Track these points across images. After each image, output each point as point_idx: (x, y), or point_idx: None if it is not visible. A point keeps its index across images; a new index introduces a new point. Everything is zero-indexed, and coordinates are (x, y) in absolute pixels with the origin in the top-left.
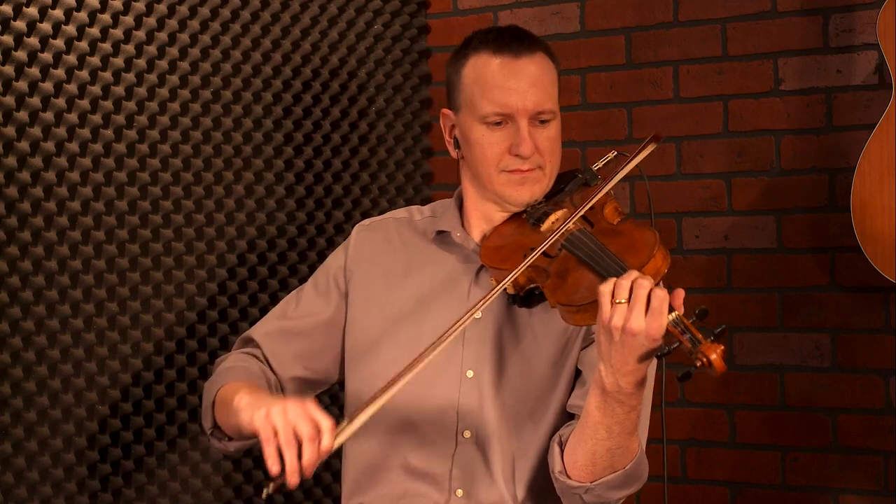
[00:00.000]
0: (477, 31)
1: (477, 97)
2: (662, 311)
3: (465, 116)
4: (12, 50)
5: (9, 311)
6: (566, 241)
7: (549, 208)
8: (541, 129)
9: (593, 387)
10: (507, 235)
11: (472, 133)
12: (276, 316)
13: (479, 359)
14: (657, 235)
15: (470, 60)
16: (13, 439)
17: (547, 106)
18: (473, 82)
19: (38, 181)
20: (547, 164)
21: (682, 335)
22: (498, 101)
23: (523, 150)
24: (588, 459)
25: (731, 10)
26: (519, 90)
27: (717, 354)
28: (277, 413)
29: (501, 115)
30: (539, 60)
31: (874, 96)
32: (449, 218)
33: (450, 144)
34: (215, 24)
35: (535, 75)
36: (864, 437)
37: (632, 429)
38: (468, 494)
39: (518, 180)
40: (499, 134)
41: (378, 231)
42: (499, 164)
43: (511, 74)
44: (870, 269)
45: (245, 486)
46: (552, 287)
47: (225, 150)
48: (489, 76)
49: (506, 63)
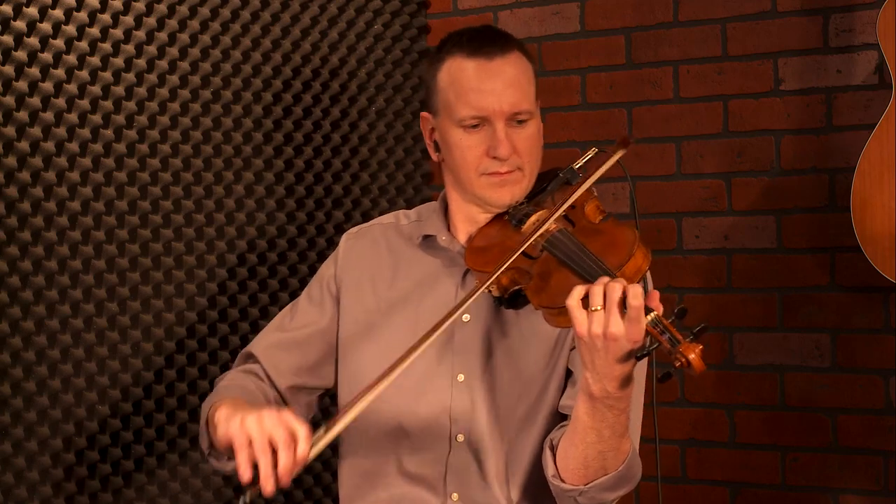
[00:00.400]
0: (451, 33)
1: (453, 101)
2: (640, 314)
3: (443, 120)
4: (12, 50)
5: (9, 311)
6: (546, 243)
7: (530, 209)
8: (518, 130)
9: (581, 393)
10: (491, 237)
11: (451, 137)
12: (274, 329)
13: (470, 362)
14: (637, 234)
15: (445, 64)
16: (13, 439)
17: (524, 106)
18: (449, 86)
19: (38, 181)
20: (526, 164)
21: (661, 335)
22: (474, 105)
23: (501, 152)
24: (580, 463)
25: (731, 10)
26: (495, 92)
27: (696, 354)
28: (252, 421)
29: (478, 118)
30: (514, 60)
31: (874, 96)
32: (434, 221)
33: (430, 147)
34: (215, 24)
35: (510, 76)
36: (864, 437)
37: (622, 431)
38: (463, 498)
39: (498, 182)
40: (476, 137)
41: (365, 238)
42: (478, 167)
43: (486, 77)
44: (870, 269)
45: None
46: (534, 289)
47: (225, 150)
48: (464, 80)
49: (480, 66)
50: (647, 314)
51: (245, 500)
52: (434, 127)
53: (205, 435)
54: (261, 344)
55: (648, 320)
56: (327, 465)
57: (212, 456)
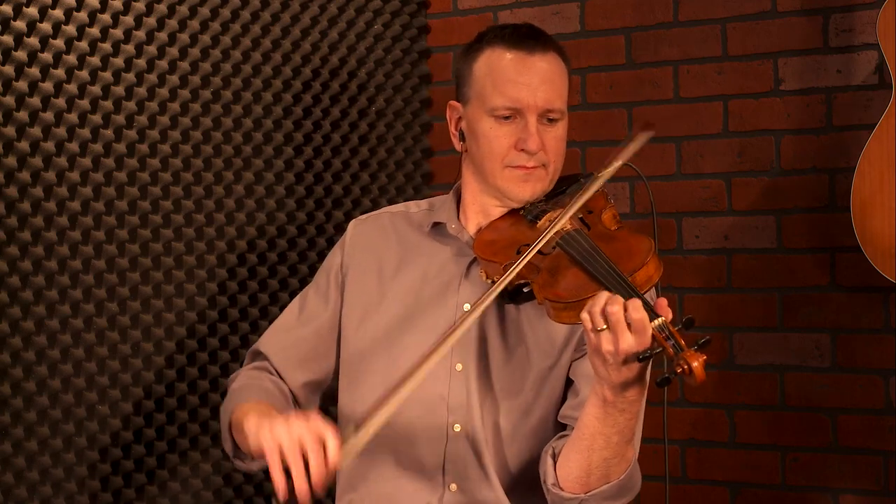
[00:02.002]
0: (492, 26)
1: (488, 90)
2: (644, 326)
3: (474, 109)
4: (12, 50)
5: (9, 311)
6: (561, 240)
7: (547, 207)
8: (548, 128)
9: (593, 399)
10: (502, 230)
11: (480, 125)
12: (282, 324)
13: (468, 352)
14: (652, 244)
15: (484, 53)
16: (13, 439)
17: (557, 105)
18: (486, 75)
19: (38, 181)
20: (551, 163)
21: (665, 341)
22: (509, 95)
23: (530, 146)
24: (583, 470)
25: (731, 10)
26: (530, 86)
27: (699, 363)
28: (281, 428)
29: (511, 108)
30: (552, 59)
31: (874, 96)
32: (446, 210)
33: (455, 137)
34: (215, 24)
35: (546, 73)
36: (864, 437)
37: (630, 436)
38: (462, 489)
39: (522, 176)
40: (507, 128)
41: (373, 224)
42: (504, 159)
43: (524, 69)
44: (870, 269)
45: (245, 486)
46: (541, 283)
47: (225, 150)
48: (502, 70)
49: (519, 58)
50: (654, 320)
51: None
52: (462, 116)
53: (228, 439)
54: (269, 341)
55: (655, 325)
56: None
57: (237, 458)
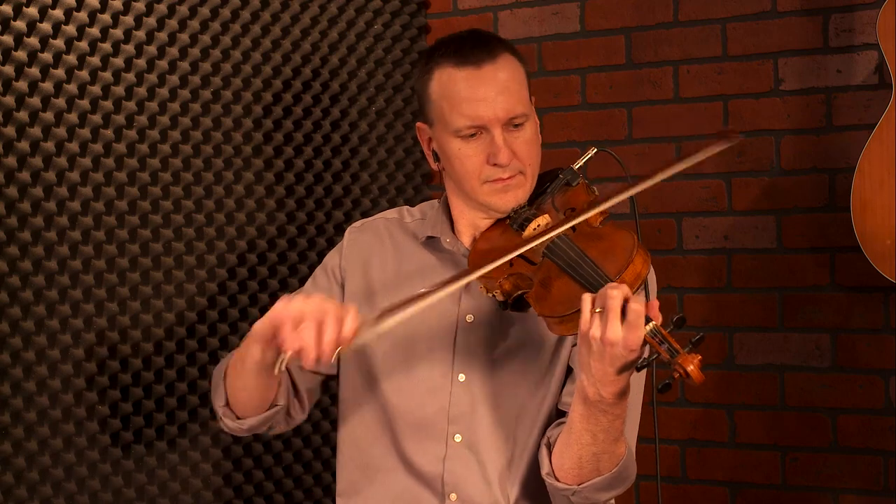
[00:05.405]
0: (437, 42)
1: (447, 112)
2: (639, 322)
3: (439, 131)
4: (12, 50)
5: (9, 311)
6: (547, 250)
7: (531, 213)
8: (516, 134)
9: (577, 396)
10: (493, 241)
11: (449, 147)
12: None
13: (472, 362)
14: (636, 238)
15: (434, 75)
16: (13, 439)
17: (518, 110)
18: (441, 98)
19: (38, 181)
20: (527, 167)
21: (659, 346)
22: (468, 114)
23: (501, 159)
24: (574, 463)
25: (731, 10)
26: (487, 99)
27: (695, 365)
28: (299, 300)
29: (474, 126)
30: (503, 64)
31: (874, 96)
32: (438, 223)
33: (429, 157)
34: (215, 24)
35: (501, 82)
36: (864, 437)
37: (617, 435)
38: (462, 498)
39: (501, 188)
40: (475, 145)
41: (369, 232)
42: (480, 175)
43: (477, 84)
44: (870, 269)
45: (245, 487)
46: (536, 297)
47: (225, 150)
48: (455, 90)
49: (470, 74)
50: (646, 324)
51: (279, 367)
52: (431, 137)
53: (220, 390)
54: None
55: (647, 330)
56: (327, 465)
57: (226, 416)
